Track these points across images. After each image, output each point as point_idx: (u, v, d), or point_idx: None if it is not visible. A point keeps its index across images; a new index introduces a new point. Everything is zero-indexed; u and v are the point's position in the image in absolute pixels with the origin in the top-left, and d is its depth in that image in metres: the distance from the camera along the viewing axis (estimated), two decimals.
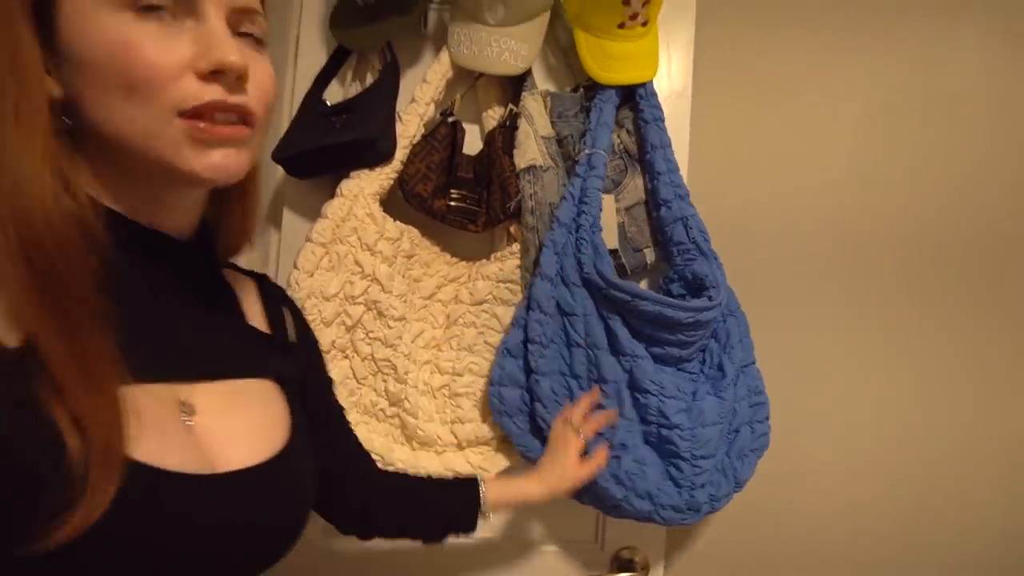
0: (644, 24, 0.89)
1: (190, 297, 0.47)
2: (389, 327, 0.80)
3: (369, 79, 0.94)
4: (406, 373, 0.81)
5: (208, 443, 0.44)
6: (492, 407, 0.81)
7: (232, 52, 0.39)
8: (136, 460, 0.37)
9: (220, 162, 0.41)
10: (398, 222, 0.87)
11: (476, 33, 0.88)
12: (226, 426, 0.46)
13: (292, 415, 0.52)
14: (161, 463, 0.39)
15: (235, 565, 0.44)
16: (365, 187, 0.84)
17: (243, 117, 0.41)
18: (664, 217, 0.90)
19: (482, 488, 0.69)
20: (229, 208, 0.52)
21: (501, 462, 0.86)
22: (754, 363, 0.87)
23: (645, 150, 0.92)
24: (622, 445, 0.75)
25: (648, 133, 0.92)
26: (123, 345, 0.38)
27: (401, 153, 0.87)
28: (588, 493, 0.81)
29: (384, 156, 0.85)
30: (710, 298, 0.82)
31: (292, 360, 0.57)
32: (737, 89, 1.06)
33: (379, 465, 0.74)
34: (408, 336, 0.82)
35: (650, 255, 0.91)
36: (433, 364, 0.87)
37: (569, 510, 0.89)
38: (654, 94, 0.94)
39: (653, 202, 0.92)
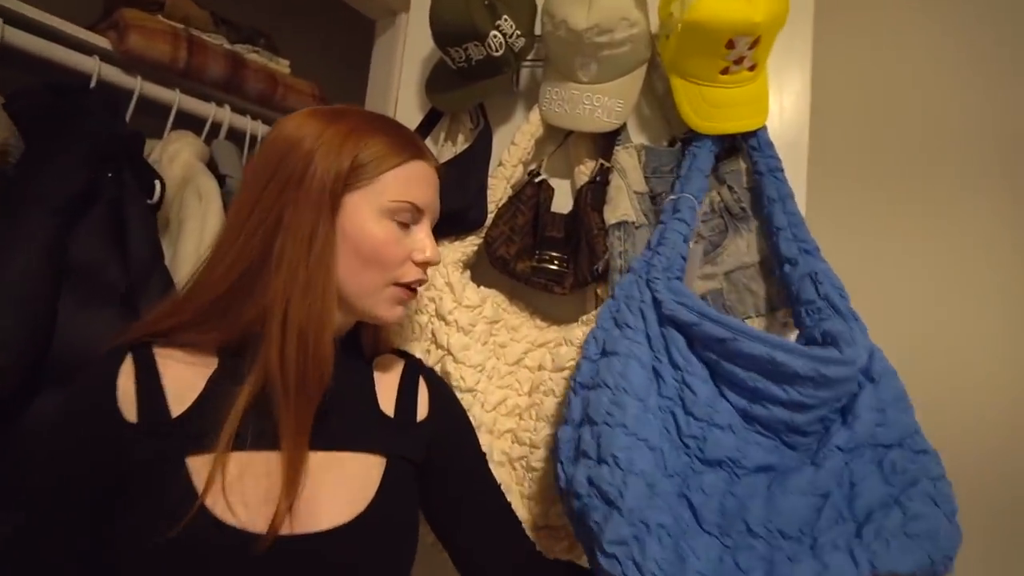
0: (751, 68, 0.81)
1: (334, 381, 0.56)
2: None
3: (460, 139, 0.96)
4: None
5: (296, 506, 0.52)
6: (550, 450, 0.75)
7: (436, 253, 0.61)
8: (212, 514, 0.49)
9: (401, 312, 0.62)
10: (482, 288, 0.86)
11: (568, 91, 0.86)
12: (316, 493, 0.54)
13: (381, 489, 0.57)
14: (240, 518, 0.49)
15: None
16: (447, 255, 0.84)
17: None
18: (789, 276, 0.77)
19: None
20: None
21: (578, 554, 0.79)
22: (904, 447, 0.67)
23: (762, 204, 0.82)
24: (643, 523, 0.59)
25: (765, 185, 0.82)
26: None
27: (488, 217, 0.86)
28: None
29: (474, 225, 0.86)
30: (840, 351, 0.67)
31: (407, 438, 0.64)
32: (858, 133, 0.93)
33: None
34: (478, 407, 0.79)
35: (753, 325, 0.80)
36: (514, 433, 0.84)
37: None
38: (769, 144, 0.84)
39: (776, 261, 0.81)
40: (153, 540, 0.47)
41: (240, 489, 0.50)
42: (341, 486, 0.56)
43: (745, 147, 0.85)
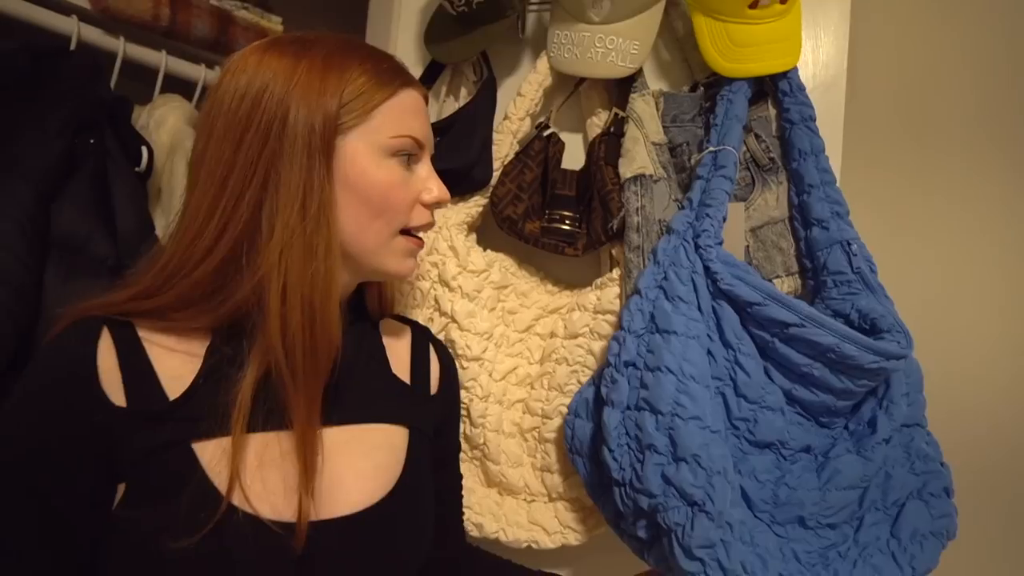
0: (784, 0, 0.73)
1: (344, 349, 0.52)
2: (463, 367, 0.74)
3: (463, 93, 0.89)
4: (481, 416, 0.74)
5: (320, 489, 0.48)
6: (566, 440, 0.71)
7: (444, 191, 0.56)
8: (239, 508, 0.44)
9: (413, 264, 0.57)
10: (488, 251, 0.80)
11: (578, 34, 0.78)
12: (340, 472, 0.51)
13: (408, 461, 0.55)
14: (262, 513, 0.45)
15: None
16: (451, 217, 0.78)
17: None
18: (817, 240, 0.72)
19: None
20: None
21: (593, 524, 0.75)
22: (921, 426, 0.66)
23: (792, 157, 0.75)
24: (728, 524, 0.58)
25: (795, 136, 0.75)
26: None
27: (494, 175, 0.80)
28: None
29: (479, 185, 0.79)
30: (899, 343, 0.64)
31: (424, 410, 0.62)
32: (902, 75, 0.84)
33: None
34: (485, 376, 0.75)
35: (781, 287, 0.74)
36: (525, 404, 0.79)
37: None
38: (801, 88, 0.76)
39: (803, 221, 0.74)
40: (171, 544, 0.42)
41: (260, 477, 0.46)
42: (367, 462, 0.53)
43: (775, 91, 0.77)
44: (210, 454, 0.45)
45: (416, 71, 0.93)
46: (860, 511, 0.61)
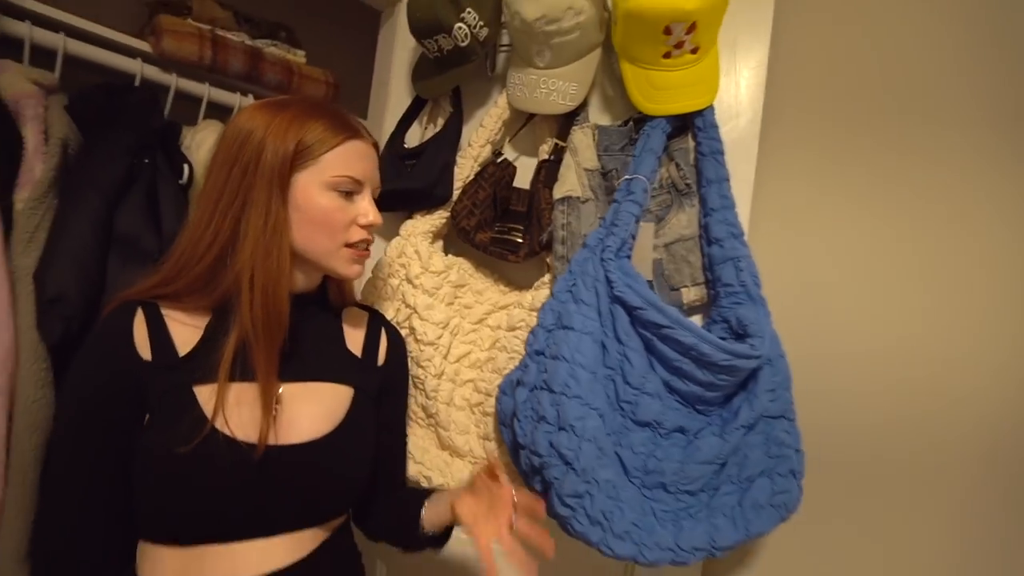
0: (694, 51, 0.86)
1: (307, 328, 0.73)
2: (421, 350, 0.91)
3: (440, 121, 1.06)
4: (434, 391, 0.91)
5: (280, 424, 0.67)
6: (498, 414, 0.87)
7: (377, 217, 0.72)
8: (219, 430, 0.62)
9: (359, 269, 0.73)
10: (449, 256, 0.98)
11: (527, 76, 0.94)
12: (296, 413, 0.68)
13: (350, 411, 0.72)
14: (236, 435, 0.63)
15: (287, 505, 0.66)
16: (417, 227, 0.96)
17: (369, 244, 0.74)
18: (714, 255, 0.85)
19: (425, 504, 0.76)
20: (332, 279, 0.79)
21: (520, 483, 0.91)
22: (786, 419, 0.78)
23: (701, 184, 0.89)
24: (594, 480, 0.72)
25: (704, 167, 0.88)
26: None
27: (457, 193, 0.97)
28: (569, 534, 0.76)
29: (440, 201, 0.97)
30: (752, 346, 0.77)
31: (370, 376, 0.78)
32: (812, 117, 0.94)
33: (411, 463, 0.90)
34: (439, 358, 0.92)
35: (688, 295, 0.87)
36: (475, 383, 0.96)
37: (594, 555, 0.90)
38: (714, 125, 0.89)
39: (705, 239, 0.88)
40: (174, 451, 0.60)
41: (238, 412, 0.65)
42: (317, 408, 0.70)
43: (692, 126, 0.90)
44: (203, 394, 0.65)
45: (407, 102, 1.11)
46: (717, 482, 0.75)
